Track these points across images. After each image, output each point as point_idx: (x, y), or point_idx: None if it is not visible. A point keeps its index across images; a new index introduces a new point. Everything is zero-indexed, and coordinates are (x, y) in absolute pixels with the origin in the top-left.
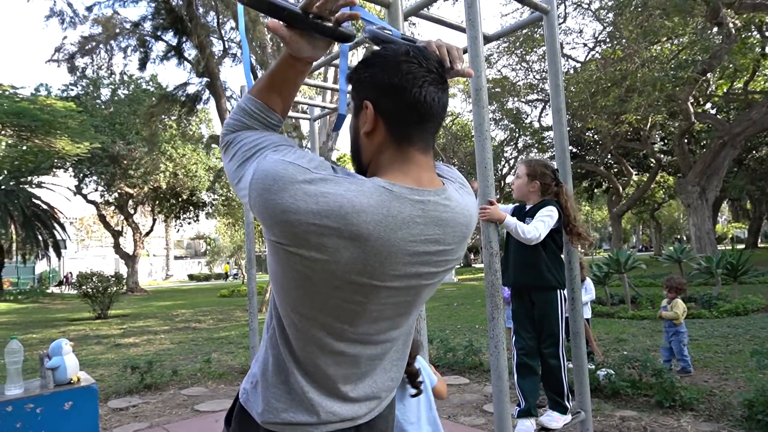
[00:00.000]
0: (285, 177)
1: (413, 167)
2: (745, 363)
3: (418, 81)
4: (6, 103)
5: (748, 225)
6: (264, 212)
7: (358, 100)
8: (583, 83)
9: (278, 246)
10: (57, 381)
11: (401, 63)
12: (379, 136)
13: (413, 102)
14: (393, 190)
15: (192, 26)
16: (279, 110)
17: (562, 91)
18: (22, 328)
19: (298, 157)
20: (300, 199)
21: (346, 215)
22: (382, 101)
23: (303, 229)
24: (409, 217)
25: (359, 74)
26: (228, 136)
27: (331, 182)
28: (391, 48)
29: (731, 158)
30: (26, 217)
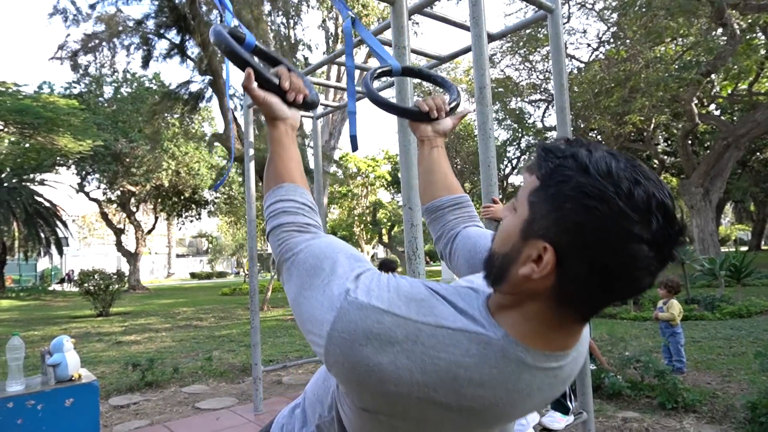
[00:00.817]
0: (381, 335)
1: (561, 337)
2: (748, 365)
3: (638, 275)
4: (9, 101)
5: (751, 227)
6: (350, 376)
7: (534, 219)
8: (586, 83)
9: (366, 413)
10: (58, 378)
11: (631, 241)
12: (539, 285)
13: (613, 293)
14: (526, 360)
15: (195, 24)
16: (306, 186)
17: (567, 90)
18: (24, 325)
19: (392, 296)
20: (402, 367)
21: (459, 389)
22: (572, 264)
23: (404, 403)
24: (538, 387)
25: (556, 199)
26: (282, 256)
27: (441, 336)
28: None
29: (735, 160)
30: (28, 215)
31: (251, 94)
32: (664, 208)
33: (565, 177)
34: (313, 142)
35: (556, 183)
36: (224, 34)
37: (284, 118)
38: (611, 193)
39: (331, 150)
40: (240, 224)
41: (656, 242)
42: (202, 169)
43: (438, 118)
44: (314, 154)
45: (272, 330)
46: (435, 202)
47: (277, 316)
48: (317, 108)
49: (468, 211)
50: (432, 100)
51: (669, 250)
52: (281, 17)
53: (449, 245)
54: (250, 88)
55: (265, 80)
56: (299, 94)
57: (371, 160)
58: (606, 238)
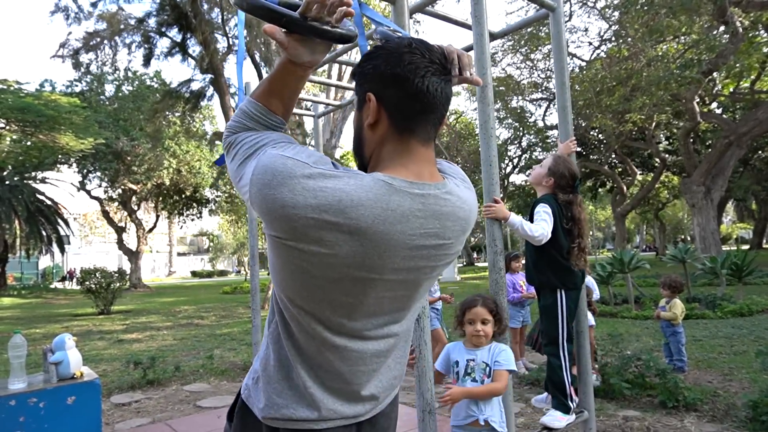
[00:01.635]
0: (284, 172)
1: (414, 160)
2: (749, 364)
3: (420, 71)
4: (11, 99)
5: (753, 225)
6: (263, 207)
7: (361, 93)
8: (588, 82)
9: (278, 240)
10: (60, 376)
11: (404, 54)
12: (382, 127)
13: (415, 92)
14: (393, 184)
15: (196, 22)
16: (280, 113)
17: (568, 89)
18: (26, 323)
19: (297, 152)
20: (299, 194)
21: (344, 209)
22: (385, 92)
23: (302, 223)
24: (409, 210)
25: (363, 67)
26: (230, 137)
27: (330, 177)
28: (394, 41)
29: (737, 158)
30: (30, 213)
31: (277, 41)
32: (420, 40)
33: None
34: (315, 141)
35: (359, 68)
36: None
37: (300, 62)
38: (383, 46)
39: (333, 149)
40: (241, 223)
41: (422, 52)
42: (203, 167)
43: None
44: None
45: None
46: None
47: None
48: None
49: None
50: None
51: (437, 58)
52: None
53: None
54: (273, 34)
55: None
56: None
57: None
58: (391, 61)
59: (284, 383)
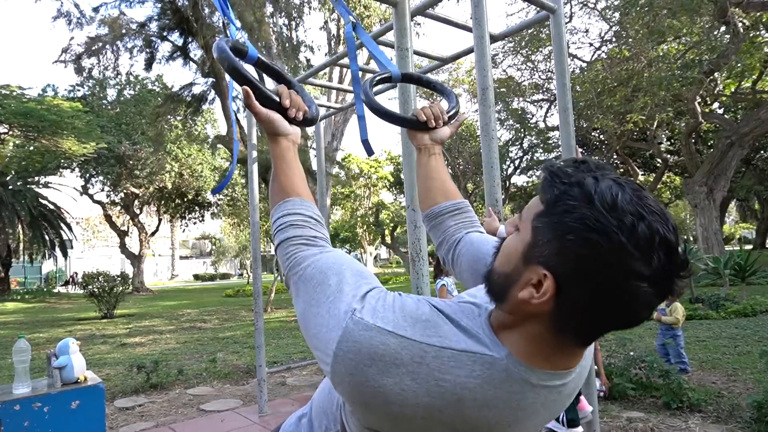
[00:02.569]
0: (386, 357)
1: (563, 358)
2: (753, 364)
3: (636, 309)
4: (13, 104)
5: (755, 225)
6: (356, 396)
7: (536, 244)
8: (589, 83)
9: (369, 431)
10: (64, 380)
11: (631, 278)
12: (538, 308)
13: (610, 323)
14: (530, 380)
15: (198, 27)
16: (311, 199)
17: (569, 91)
18: (29, 328)
19: (397, 317)
20: (407, 389)
21: (464, 410)
22: (571, 293)
23: (408, 424)
24: (542, 404)
25: (559, 228)
26: (290, 270)
27: (446, 357)
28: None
29: (739, 158)
30: (33, 217)
31: (253, 111)
32: (666, 245)
33: (569, 207)
34: (316, 144)
35: (560, 212)
36: (227, 50)
37: (286, 134)
38: (614, 227)
39: (334, 151)
40: (243, 226)
41: (656, 279)
42: (205, 171)
43: (436, 127)
44: (317, 155)
45: (276, 331)
46: (435, 208)
47: (281, 318)
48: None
49: (468, 216)
50: (430, 109)
51: (669, 286)
52: (283, 19)
53: (451, 252)
54: (252, 105)
55: (266, 98)
56: (299, 111)
57: (374, 161)
58: (606, 273)
59: None
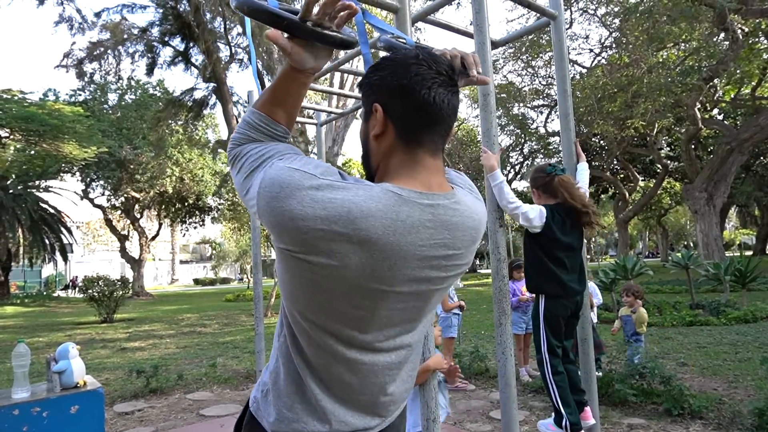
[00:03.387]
0: (292, 184)
1: (422, 171)
2: (754, 371)
3: (427, 83)
4: (15, 108)
5: (756, 231)
6: (272, 220)
7: (368, 104)
8: (589, 89)
9: (287, 253)
10: (63, 385)
11: (410, 65)
12: (389, 139)
13: (422, 103)
14: (402, 195)
15: (199, 32)
16: (284, 122)
17: (570, 97)
18: (29, 332)
19: (304, 163)
20: (308, 206)
21: (354, 220)
22: (392, 104)
23: (311, 235)
24: (419, 221)
25: (369, 78)
26: (234, 149)
27: (339, 188)
28: (401, 52)
29: (739, 164)
30: (33, 221)
31: (280, 47)
32: (428, 51)
33: (368, 73)
34: (317, 149)
35: (366, 79)
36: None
37: (303, 69)
38: (391, 57)
39: (335, 156)
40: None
41: (429, 64)
42: (205, 175)
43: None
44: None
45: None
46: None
47: None
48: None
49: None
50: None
51: (444, 69)
52: None
53: None
54: (277, 39)
55: (295, 26)
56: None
57: None
58: (398, 73)
59: (295, 397)
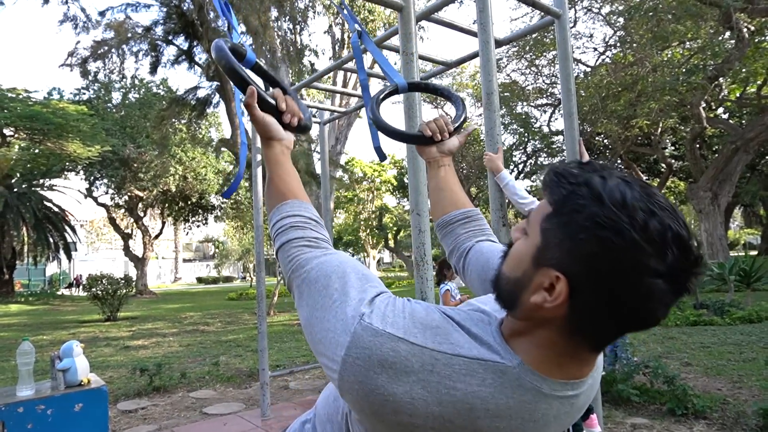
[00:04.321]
0: (397, 364)
1: (575, 365)
2: (759, 371)
3: (652, 307)
4: (19, 107)
5: (761, 231)
6: (365, 406)
7: (548, 246)
8: (593, 87)
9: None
10: (68, 383)
11: (646, 275)
12: (551, 313)
13: (626, 325)
14: (542, 389)
15: (203, 31)
16: (307, 199)
17: (574, 96)
18: (33, 330)
19: (408, 323)
20: (418, 397)
21: (476, 420)
22: (585, 294)
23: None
24: (555, 416)
25: (570, 228)
26: (293, 273)
27: (458, 365)
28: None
29: (744, 163)
30: (38, 220)
31: (251, 113)
32: (679, 240)
33: (578, 206)
34: (320, 147)
35: (570, 212)
36: (226, 50)
37: (280, 138)
38: (625, 224)
39: (338, 155)
40: (247, 229)
41: (671, 275)
42: (209, 174)
43: (442, 139)
44: (321, 159)
45: (279, 335)
46: (445, 217)
47: (284, 321)
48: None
49: (479, 224)
50: (434, 122)
51: (684, 282)
52: (288, 23)
53: (462, 260)
54: (251, 106)
55: (263, 100)
56: (294, 117)
57: (377, 165)
58: (620, 271)
59: None
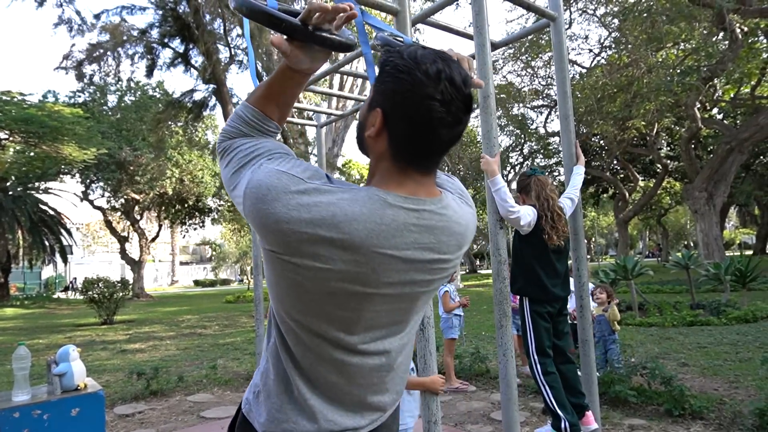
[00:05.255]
0: (278, 187)
1: (409, 182)
2: (755, 371)
3: (435, 125)
4: (14, 110)
5: (756, 231)
6: (258, 221)
7: (374, 97)
8: (589, 89)
9: (272, 254)
10: (64, 387)
11: (426, 99)
12: (381, 144)
13: (424, 139)
14: (387, 199)
15: (198, 33)
16: (276, 118)
17: (570, 98)
18: (29, 334)
19: (291, 166)
20: (293, 209)
21: (338, 224)
22: (394, 117)
23: (296, 238)
24: (403, 224)
25: (383, 77)
26: (224, 142)
27: (324, 192)
28: (428, 65)
29: (739, 164)
30: (33, 223)
31: (282, 51)
32: (450, 79)
33: (388, 62)
34: (317, 150)
35: (383, 65)
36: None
37: (299, 69)
38: (414, 68)
39: (335, 157)
40: (244, 232)
41: (444, 101)
42: (205, 176)
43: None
44: (318, 161)
45: None
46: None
47: None
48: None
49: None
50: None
51: (456, 108)
52: None
53: None
54: (279, 45)
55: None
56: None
57: None
58: (410, 99)
59: (284, 397)
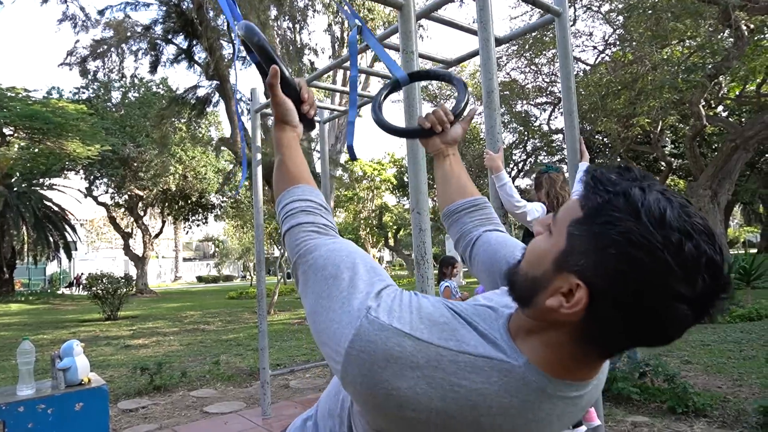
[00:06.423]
0: (402, 359)
1: (585, 369)
2: (759, 369)
3: (667, 327)
4: (19, 106)
5: (760, 229)
6: (368, 399)
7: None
8: (593, 86)
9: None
10: (68, 382)
11: (670, 299)
12: (564, 320)
13: (640, 342)
14: (547, 389)
15: (202, 29)
16: (316, 187)
17: (574, 94)
18: (33, 329)
19: (412, 319)
20: (421, 393)
21: (479, 417)
22: (604, 308)
23: (421, 429)
24: (558, 416)
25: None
26: (300, 257)
27: (463, 363)
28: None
29: (743, 161)
30: (37, 219)
31: (273, 92)
32: (713, 267)
33: (612, 218)
34: (320, 146)
35: (603, 222)
36: (257, 29)
37: (294, 125)
38: (660, 244)
39: (338, 154)
40: (247, 228)
41: (698, 301)
42: (209, 173)
43: (443, 130)
44: (321, 157)
45: (279, 334)
46: (452, 206)
47: (284, 320)
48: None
49: (486, 212)
50: (433, 114)
51: (708, 308)
52: (287, 22)
53: (468, 249)
54: (274, 85)
55: (287, 84)
56: (312, 108)
57: (377, 164)
58: (646, 292)
59: None
